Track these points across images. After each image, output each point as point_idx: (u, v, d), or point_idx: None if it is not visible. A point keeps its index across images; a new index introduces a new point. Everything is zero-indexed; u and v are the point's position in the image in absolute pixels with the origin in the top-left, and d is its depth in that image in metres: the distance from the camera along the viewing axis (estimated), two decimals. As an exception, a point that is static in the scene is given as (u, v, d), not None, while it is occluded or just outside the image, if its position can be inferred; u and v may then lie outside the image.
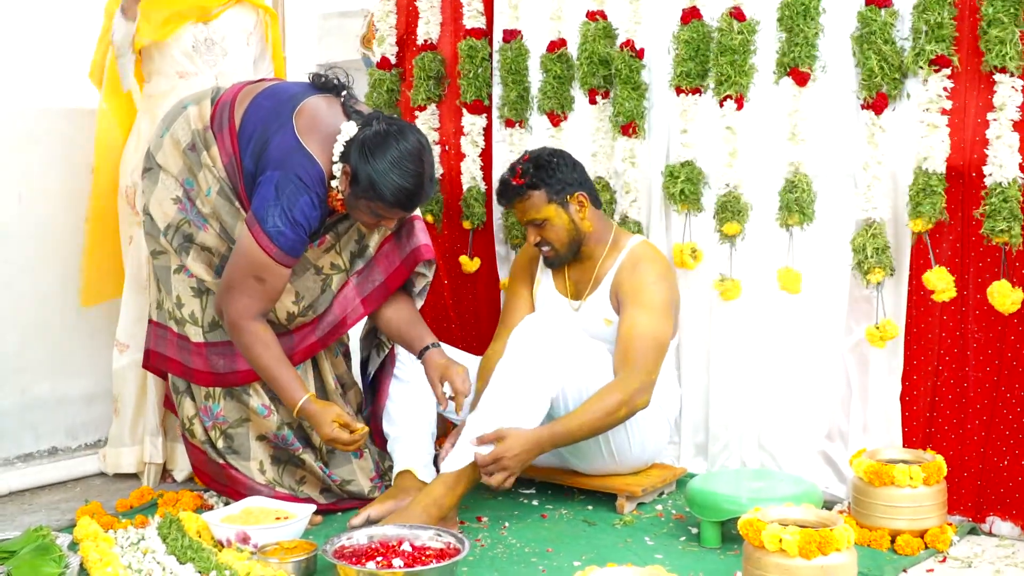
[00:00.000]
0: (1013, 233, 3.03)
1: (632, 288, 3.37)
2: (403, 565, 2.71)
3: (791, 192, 3.40)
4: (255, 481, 3.32)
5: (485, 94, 4.11)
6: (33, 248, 4.01)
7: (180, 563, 2.85)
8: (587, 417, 3.16)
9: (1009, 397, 3.11)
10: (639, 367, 3.22)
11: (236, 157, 3.18)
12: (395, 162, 3.00)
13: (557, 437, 3.14)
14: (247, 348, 3.14)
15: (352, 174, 3.04)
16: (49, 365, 4.08)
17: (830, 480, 3.46)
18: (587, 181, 3.51)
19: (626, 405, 3.18)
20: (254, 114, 3.18)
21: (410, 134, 3.06)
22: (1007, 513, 3.13)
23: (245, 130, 3.17)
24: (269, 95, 3.22)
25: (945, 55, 3.10)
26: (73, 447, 4.14)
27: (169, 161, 3.30)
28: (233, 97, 3.26)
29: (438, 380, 3.27)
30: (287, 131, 3.09)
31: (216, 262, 3.26)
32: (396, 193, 3.02)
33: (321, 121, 3.12)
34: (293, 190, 3.04)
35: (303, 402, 3.12)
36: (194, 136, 3.26)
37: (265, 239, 3.04)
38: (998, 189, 3.04)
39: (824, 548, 2.46)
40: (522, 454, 3.08)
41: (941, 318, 3.22)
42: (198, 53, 3.75)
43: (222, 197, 3.22)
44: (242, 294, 3.10)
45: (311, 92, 3.19)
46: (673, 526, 3.24)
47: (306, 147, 3.07)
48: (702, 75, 3.59)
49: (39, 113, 4.07)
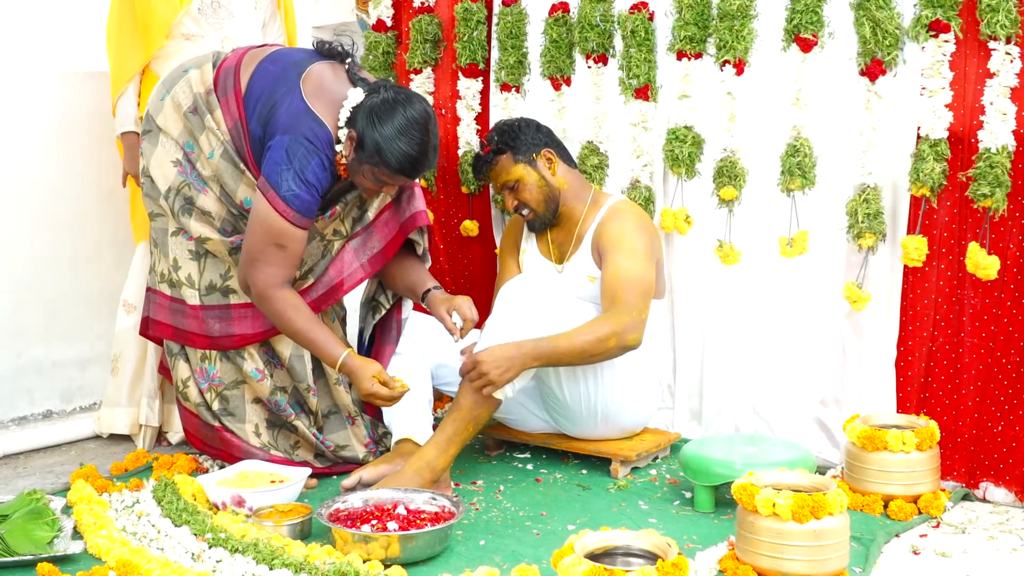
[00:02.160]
0: (996, 198, 3.03)
1: (611, 238, 3.37)
2: (398, 528, 2.72)
3: (793, 156, 3.39)
4: (250, 444, 3.33)
5: (480, 57, 4.09)
6: (28, 212, 4.00)
7: (175, 526, 2.86)
8: (576, 339, 3.15)
9: (1004, 363, 3.11)
10: (630, 305, 3.23)
11: (242, 121, 3.17)
12: (402, 129, 3.01)
13: (542, 351, 3.13)
14: (279, 315, 3.14)
15: (358, 139, 3.04)
16: (44, 329, 4.08)
17: (824, 445, 3.47)
18: (554, 140, 3.53)
19: (617, 336, 3.18)
20: (260, 79, 3.18)
21: (417, 102, 3.07)
22: (1000, 479, 3.14)
23: (251, 94, 3.17)
24: (274, 60, 3.21)
25: (943, 20, 3.08)
26: (68, 411, 4.14)
27: (169, 124, 3.29)
28: (237, 62, 3.24)
29: (445, 313, 3.29)
30: (295, 95, 3.09)
31: (217, 225, 3.25)
32: (401, 160, 3.03)
33: (327, 87, 3.12)
34: (304, 153, 3.05)
35: (344, 357, 3.13)
36: (196, 99, 3.24)
37: (281, 204, 3.04)
38: (986, 154, 3.04)
39: (817, 512, 2.47)
40: (502, 360, 3.08)
41: (937, 284, 3.22)
42: (204, 16, 3.71)
43: (225, 160, 3.21)
44: (266, 263, 3.10)
45: (316, 58, 3.19)
46: (667, 490, 3.25)
47: (314, 111, 3.08)
48: (703, 39, 3.57)
49: (34, 76, 4.04)
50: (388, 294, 3.55)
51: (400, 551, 2.65)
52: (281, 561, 2.58)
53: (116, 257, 4.10)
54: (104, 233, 4.16)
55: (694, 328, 3.71)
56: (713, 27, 3.53)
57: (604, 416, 3.38)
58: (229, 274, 3.28)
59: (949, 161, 3.13)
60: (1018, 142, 3.02)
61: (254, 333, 3.29)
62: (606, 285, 3.31)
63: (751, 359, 3.59)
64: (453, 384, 3.56)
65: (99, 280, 4.15)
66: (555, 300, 3.29)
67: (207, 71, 3.27)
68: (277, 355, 3.34)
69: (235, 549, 2.67)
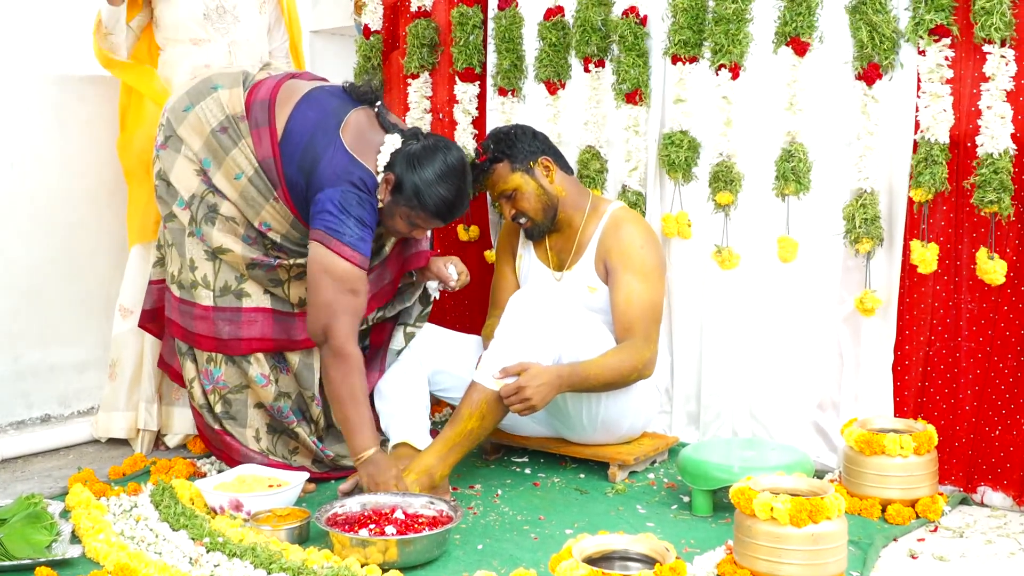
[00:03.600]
0: (1003, 204, 3.03)
1: (621, 253, 3.38)
2: (396, 532, 2.72)
3: (788, 161, 3.39)
4: (249, 448, 3.33)
5: (477, 62, 4.09)
6: (25, 216, 3.99)
7: (173, 530, 2.86)
8: (603, 370, 3.20)
9: (1001, 367, 3.11)
10: (647, 337, 3.30)
11: (276, 160, 3.20)
12: (442, 175, 3.12)
13: (575, 378, 3.17)
14: (347, 376, 3.07)
15: (396, 183, 3.13)
16: (41, 333, 4.07)
17: (821, 450, 3.47)
18: (551, 148, 3.53)
19: (637, 372, 3.27)
20: (299, 124, 3.21)
21: (455, 150, 3.19)
22: (998, 483, 3.14)
23: (289, 139, 3.20)
24: (310, 104, 3.25)
25: (944, 24, 3.09)
26: (66, 415, 4.13)
27: (191, 136, 3.29)
28: (271, 96, 3.26)
29: (442, 266, 3.46)
30: (337, 147, 3.14)
31: (241, 232, 3.26)
32: (439, 204, 3.13)
33: (364, 135, 3.19)
34: (357, 200, 3.10)
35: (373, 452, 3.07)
36: (228, 122, 3.26)
37: (348, 250, 3.07)
38: (989, 160, 3.04)
39: (815, 516, 2.47)
40: (544, 387, 3.09)
41: (934, 288, 3.22)
42: (209, 21, 3.72)
43: (254, 184, 3.22)
44: (344, 313, 3.09)
45: (350, 103, 3.25)
46: (665, 495, 3.25)
47: (359, 159, 3.14)
48: (699, 44, 3.57)
49: (30, 80, 4.03)
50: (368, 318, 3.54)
51: (398, 555, 2.65)
52: (279, 565, 2.58)
53: (113, 261, 4.09)
54: (101, 237, 4.15)
55: (692, 332, 3.71)
56: (708, 31, 3.53)
57: (605, 424, 3.39)
58: (244, 278, 3.29)
59: (948, 165, 3.14)
60: (1017, 145, 3.03)
61: (262, 339, 3.29)
62: (620, 311, 3.33)
63: (749, 363, 3.59)
64: (450, 390, 3.56)
65: (96, 284, 4.14)
66: (566, 315, 3.27)
67: (237, 94, 3.29)
68: (286, 360, 3.34)
69: (233, 553, 2.67)
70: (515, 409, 3.10)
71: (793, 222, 3.42)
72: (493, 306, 3.66)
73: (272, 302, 3.30)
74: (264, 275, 3.28)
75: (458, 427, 3.13)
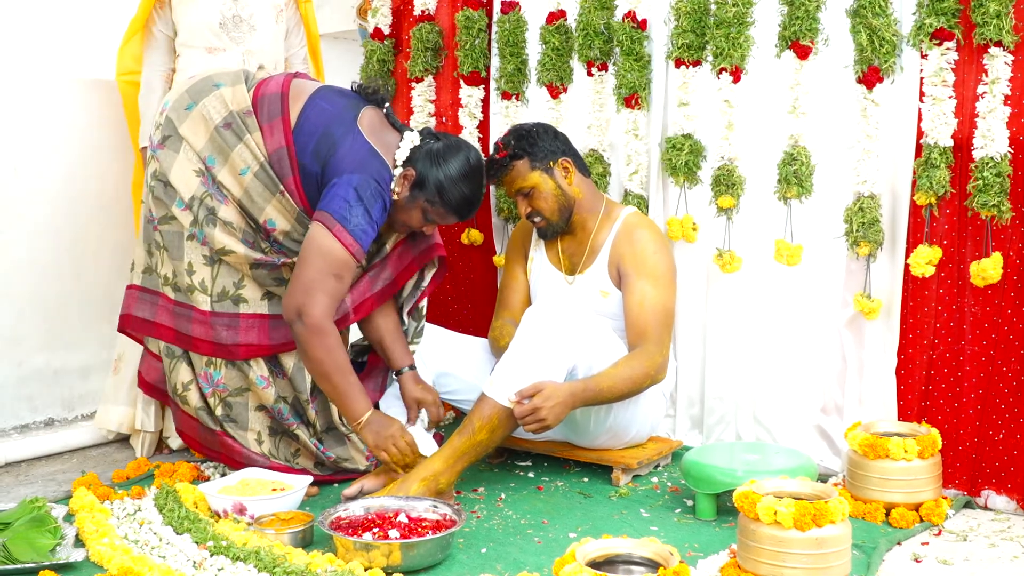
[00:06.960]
0: (1003, 208, 3.03)
1: (634, 259, 3.38)
2: (400, 536, 2.72)
3: (790, 165, 3.39)
4: (251, 451, 3.33)
5: (482, 65, 4.09)
6: (30, 220, 3.99)
7: (177, 534, 2.86)
8: (616, 381, 3.19)
9: (1004, 371, 3.11)
10: (659, 342, 3.29)
11: (290, 150, 3.21)
12: (465, 173, 3.22)
13: (588, 394, 3.15)
14: (329, 350, 3.12)
15: (418, 179, 3.18)
16: (45, 337, 4.07)
17: (825, 453, 3.47)
18: (571, 149, 3.52)
19: (650, 379, 3.26)
20: (314, 115, 3.23)
21: (475, 150, 3.29)
22: (1002, 487, 3.14)
23: (304, 129, 3.22)
24: (326, 98, 3.28)
25: (947, 28, 3.09)
26: (69, 419, 4.14)
27: (193, 134, 3.29)
28: (283, 90, 3.28)
29: (414, 404, 3.40)
30: (356, 136, 3.18)
31: (239, 236, 3.26)
32: (459, 201, 3.23)
33: (378, 131, 3.24)
34: (372, 193, 3.13)
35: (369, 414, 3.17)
36: (232, 117, 3.26)
37: (349, 237, 3.10)
38: (990, 163, 3.04)
39: (819, 520, 2.47)
40: (557, 406, 3.08)
41: (937, 292, 3.22)
42: (225, 30, 3.73)
43: (260, 179, 3.23)
44: (324, 294, 3.11)
45: (361, 102, 3.29)
46: (668, 498, 3.25)
47: (379, 153, 3.17)
48: (701, 47, 3.57)
49: (36, 85, 4.04)
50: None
51: (402, 559, 2.65)
52: (283, 569, 2.58)
53: (118, 265, 4.09)
54: (106, 241, 4.16)
55: (695, 336, 3.71)
56: (710, 35, 3.54)
57: (612, 431, 3.39)
58: (242, 283, 3.29)
59: (951, 169, 3.14)
60: (1015, 148, 3.03)
61: (260, 345, 3.29)
62: (632, 315, 3.33)
63: (752, 367, 3.59)
64: (456, 393, 3.56)
65: (101, 288, 4.14)
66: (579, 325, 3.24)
67: (240, 91, 3.29)
68: (280, 364, 3.34)
69: (237, 557, 2.66)
70: (529, 429, 3.08)
71: (796, 226, 3.42)
72: (501, 307, 3.65)
73: (269, 307, 3.30)
74: (267, 274, 3.28)
75: (467, 437, 3.11)
